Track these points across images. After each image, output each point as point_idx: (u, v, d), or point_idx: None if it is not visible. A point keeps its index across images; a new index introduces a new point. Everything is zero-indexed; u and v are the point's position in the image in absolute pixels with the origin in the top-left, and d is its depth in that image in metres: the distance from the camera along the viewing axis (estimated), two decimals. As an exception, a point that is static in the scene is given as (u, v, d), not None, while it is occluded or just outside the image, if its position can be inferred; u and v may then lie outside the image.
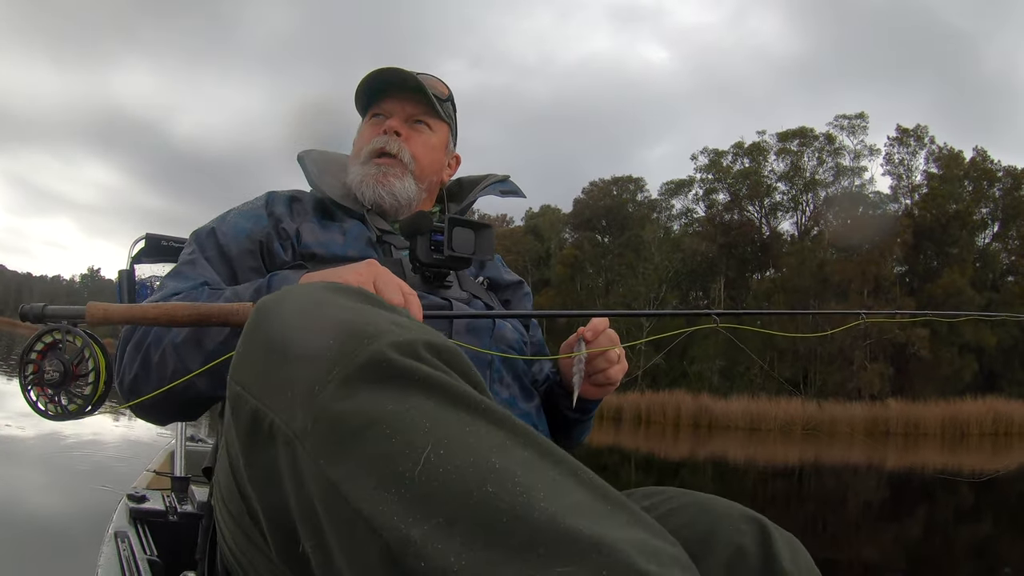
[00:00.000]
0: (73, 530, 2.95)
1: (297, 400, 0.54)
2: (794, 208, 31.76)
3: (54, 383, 0.81)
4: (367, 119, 1.29)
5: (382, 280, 0.89)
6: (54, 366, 0.81)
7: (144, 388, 0.95)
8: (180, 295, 1.01)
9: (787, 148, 31.20)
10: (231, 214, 1.17)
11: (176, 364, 0.94)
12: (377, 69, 1.23)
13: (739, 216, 31.75)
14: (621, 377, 1.17)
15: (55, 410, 0.82)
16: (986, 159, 30.93)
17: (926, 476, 8.83)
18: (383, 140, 1.23)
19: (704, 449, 15.85)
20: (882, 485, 10.64)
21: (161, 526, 1.69)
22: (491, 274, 1.32)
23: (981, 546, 6.00)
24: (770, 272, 30.33)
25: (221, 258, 1.11)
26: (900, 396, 23.05)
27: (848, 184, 30.77)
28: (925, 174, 30.54)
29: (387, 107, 1.26)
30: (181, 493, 1.90)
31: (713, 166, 32.15)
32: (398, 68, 1.23)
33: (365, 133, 1.28)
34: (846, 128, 30.77)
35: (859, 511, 8.01)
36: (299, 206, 1.21)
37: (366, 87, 1.26)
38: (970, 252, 29.08)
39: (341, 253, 1.13)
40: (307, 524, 0.53)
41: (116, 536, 1.56)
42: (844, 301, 24.79)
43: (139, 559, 1.45)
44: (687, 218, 33.39)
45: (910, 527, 6.92)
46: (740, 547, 0.73)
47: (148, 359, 0.96)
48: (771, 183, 31.60)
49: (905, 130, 30.81)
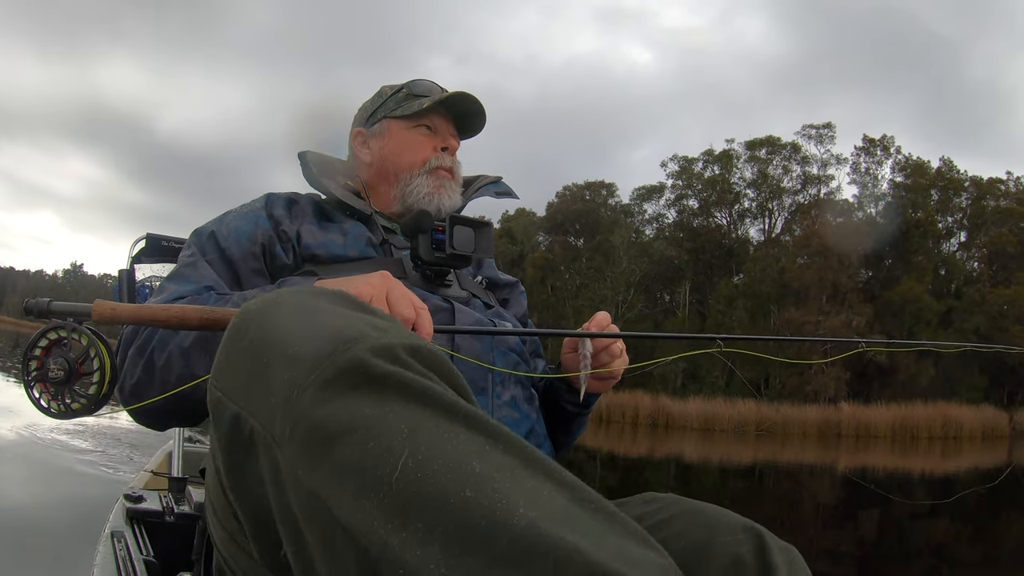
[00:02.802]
0: (69, 530, 2.95)
1: (276, 405, 0.54)
2: (761, 215, 32.46)
3: (59, 381, 0.81)
4: (412, 126, 1.28)
5: (394, 293, 0.89)
6: (59, 364, 0.81)
7: (147, 393, 0.93)
8: (185, 299, 1.00)
9: (756, 156, 31.87)
10: (230, 216, 1.16)
11: (182, 369, 0.92)
12: (462, 92, 1.26)
13: (707, 222, 32.41)
14: (623, 370, 1.18)
15: (58, 408, 0.81)
16: (952, 169, 31.56)
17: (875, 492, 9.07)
18: (450, 160, 1.28)
19: (662, 448, 16.25)
20: (836, 485, 11.03)
21: (158, 526, 1.68)
22: (488, 274, 1.35)
23: (931, 543, 6.24)
24: (736, 278, 30.90)
25: (223, 261, 1.10)
26: (855, 400, 23.57)
27: (815, 192, 31.45)
28: (891, 183, 31.21)
29: (442, 125, 1.29)
30: (178, 494, 1.89)
31: (683, 172, 32.82)
32: (475, 98, 1.27)
33: (416, 142, 1.27)
34: (814, 137, 31.46)
35: (813, 507, 8.39)
36: (297, 208, 1.20)
37: (439, 102, 1.27)
38: (931, 260, 29.65)
39: (342, 254, 1.13)
40: (288, 530, 0.53)
41: (112, 536, 1.56)
42: (804, 306, 25.37)
43: (135, 559, 1.44)
44: (658, 223, 34.12)
45: (864, 524, 7.25)
46: (737, 557, 0.72)
47: (152, 363, 0.94)
48: (740, 190, 32.30)
49: (872, 140, 31.46)
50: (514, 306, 1.35)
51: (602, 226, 32.33)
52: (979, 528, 6.99)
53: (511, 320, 1.25)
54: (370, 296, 0.86)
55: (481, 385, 1.06)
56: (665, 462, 12.97)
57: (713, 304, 28.20)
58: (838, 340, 1.73)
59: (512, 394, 1.12)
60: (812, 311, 24.03)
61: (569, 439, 1.30)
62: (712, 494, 8.09)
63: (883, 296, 27.05)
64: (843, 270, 26.41)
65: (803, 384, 25.64)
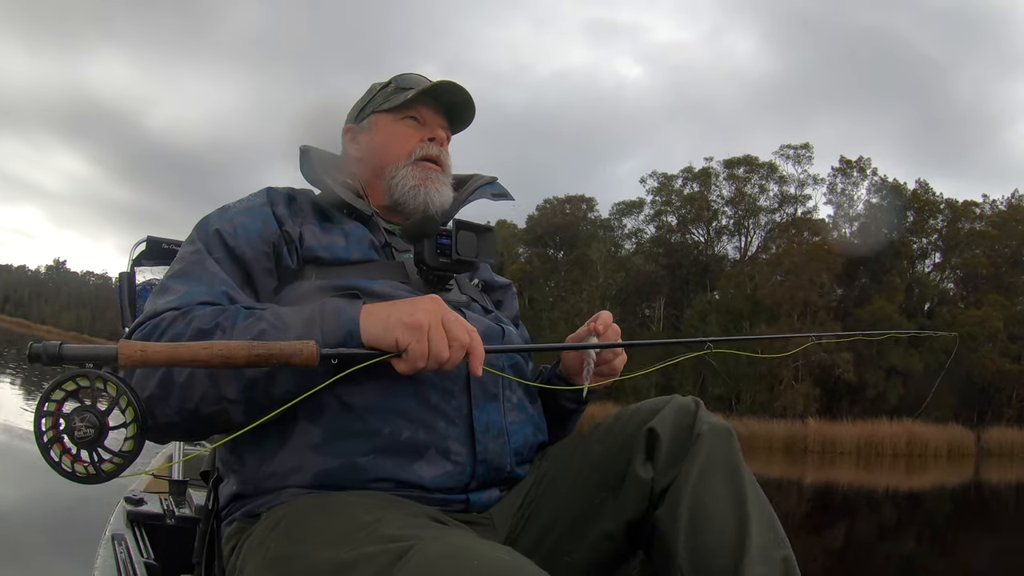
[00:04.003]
0: (70, 533, 2.92)
1: None
2: (738, 232, 32.97)
3: (88, 440, 0.70)
4: (399, 118, 1.25)
5: (448, 318, 0.90)
6: (86, 421, 0.70)
7: (160, 409, 0.86)
8: (204, 306, 0.95)
9: (734, 174, 32.39)
10: (232, 211, 1.11)
11: (207, 389, 0.87)
12: (447, 81, 1.23)
13: (685, 238, 32.89)
14: (622, 367, 1.23)
15: (86, 471, 0.72)
16: (928, 191, 32.12)
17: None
18: (436, 149, 1.23)
19: None
20: (804, 498, 11.32)
21: (158, 529, 1.68)
22: (484, 276, 1.34)
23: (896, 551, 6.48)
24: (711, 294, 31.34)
25: (232, 260, 1.05)
26: (823, 417, 23.90)
27: (792, 211, 31.97)
28: (866, 204, 31.74)
29: (430, 117, 1.25)
30: (179, 497, 1.89)
31: (662, 189, 33.30)
32: (462, 87, 1.24)
33: (401, 133, 1.24)
34: (791, 157, 32.00)
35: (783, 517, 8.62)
36: (296, 206, 1.16)
37: (424, 92, 1.23)
38: (904, 279, 30.12)
39: (344, 256, 1.11)
40: None
41: (113, 539, 1.55)
42: (775, 323, 25.76)
43: (136, 562, 1.43)
44: (637, 238, 34.58)
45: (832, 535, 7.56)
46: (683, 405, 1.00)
47: (170, 379, 0.86)
48: (718, 207, 32.80)
49: (848, 161, 31.99)
50: (507, 308, 1.36)
51: (580, 240, 32.74)
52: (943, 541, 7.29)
53: (509, 323, 1.25)
54: (428, 324, 0.88)
55: (493, 391, 1.07)
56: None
57: (688, 319, 28.56)
58: (798, 336, 1.69)
59: (519, 396, 1.14)
60: (783, 327, 24.39)
61: (564, 433, 1.31)
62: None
63: (854, 314, 27.45)
64: (814, 289, 26.81)
65: (772, 400, 26.00)
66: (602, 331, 1.16)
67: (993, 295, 27.78)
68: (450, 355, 0.90)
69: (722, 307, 28.24)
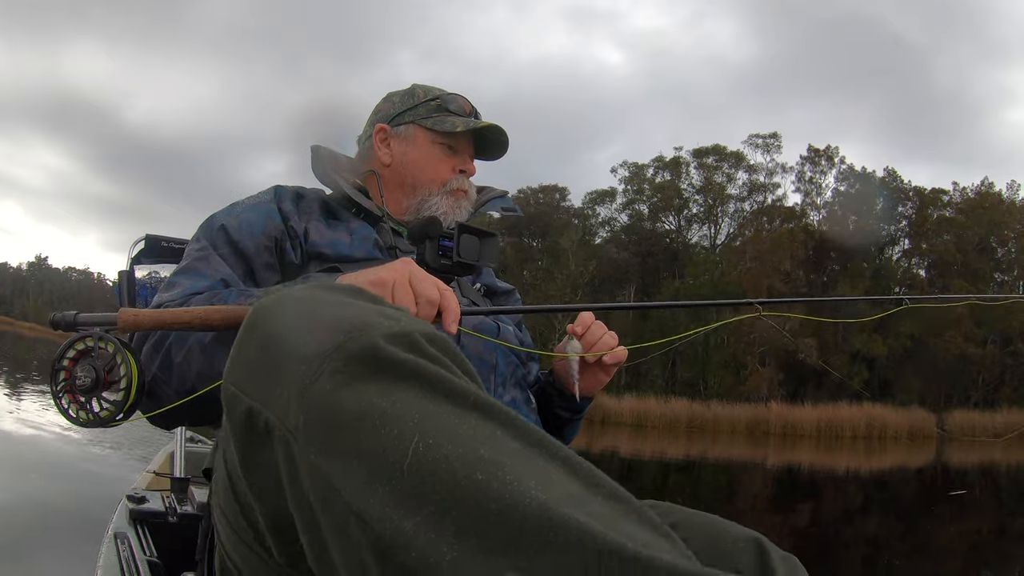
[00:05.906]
0: (72, 531, 2.94)
1: (290, 396, 0.54)
2: (708, 220, 33.41)
3: (85, 388, 0.81)
4: (437, 140, 1.27)
5: (417, 276, 0.88)
6: (86, 372, 0.81)
7: (163, 391, 0.91)
8: (202, 296, 0.98)
9: (704, 163, 32.82)
10: (239, 207, 1.15)
11: (202, 366, 0.90)
12: (496, 126, 1.27)
13: (656, 227, 33.33)
14: (626, 356, 1.17)
15: (86, 416, 0.82)
16: (896, 179, 32.61)
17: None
18: (468, 184, 1.28)
19: (598, 444, 16.84)
20: (768, 479, 11.56)
21: (161, 527, 1.68)
22: (486, 281, 1.34)
23: (864, 532, 6.53)
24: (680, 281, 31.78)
25: (235, 254, 1.09)
26: (785, 400, 24.39)
27: (761, 199, 32.42)
28: (834, 191, 32.23)
29: (464, 147, 1.29)
30: (181, 494, 1.89)
31: (634, 178, 33.72)
32: (505, 132, 1.28)
33: (437, 159, 1.26)
34: (760, 146, 32.45)
35: (744, 499, 8.77)
36: (304, 203, 1.19)
37: (473, 130, 1.27)
38: (871, 265, 30.63)
39: (348, 253, 1.12)
40: (303, 518, 0.54)
41: (116, 537, 1.55)
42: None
43: (139, 560, 1.44)
44: (610, 227, 35.02)
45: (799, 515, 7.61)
46: (738, 566, 0.73)
47: (169, 360, 0.91)
48: (689, 196, 33.23)
49: (816, 150, 32.47)
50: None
51: (552, 229, 33.14)
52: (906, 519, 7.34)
53: (511, 326, 1.24)
54: (392, 280, 0.86)
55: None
56: (602, 457, 13.47)
57: (655, 306, 28.88)
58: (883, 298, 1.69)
59: (512, 396, 1.13)
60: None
61: (563, 443, 1.45)
62: (654, 490, 8.43)
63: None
64: (777, 275, 27.28)
65: (738, 384, 26.48)
66: (580, 332, 1.14)
67: (959, 281, 28.28)
68: (417, 311, 0.87)
69: (690, 293, 28.63)
